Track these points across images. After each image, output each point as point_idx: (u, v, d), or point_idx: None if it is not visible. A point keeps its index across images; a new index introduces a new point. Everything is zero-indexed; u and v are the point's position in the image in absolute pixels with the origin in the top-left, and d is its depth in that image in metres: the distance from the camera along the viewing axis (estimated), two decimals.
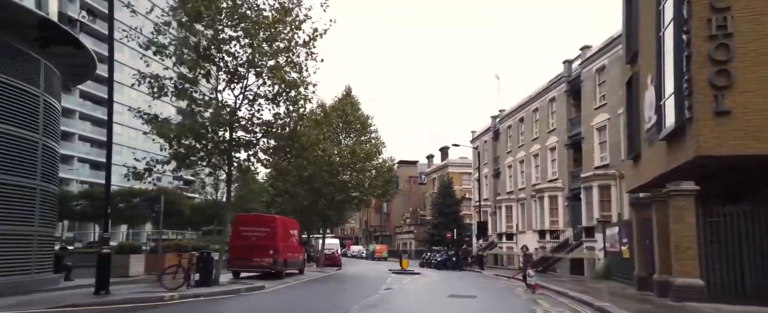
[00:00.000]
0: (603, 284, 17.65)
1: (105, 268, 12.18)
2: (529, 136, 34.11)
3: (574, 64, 28.27)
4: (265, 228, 19.67)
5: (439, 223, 54.94)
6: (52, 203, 14.08)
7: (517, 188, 36.19)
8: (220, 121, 14.33)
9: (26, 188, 12.60)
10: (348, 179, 30.51)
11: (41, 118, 13.19)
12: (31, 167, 12.83)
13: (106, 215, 12.60)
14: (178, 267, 13.87)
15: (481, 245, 42.99)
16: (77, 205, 38.55)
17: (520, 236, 35.39)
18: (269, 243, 19.47)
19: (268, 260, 19.31)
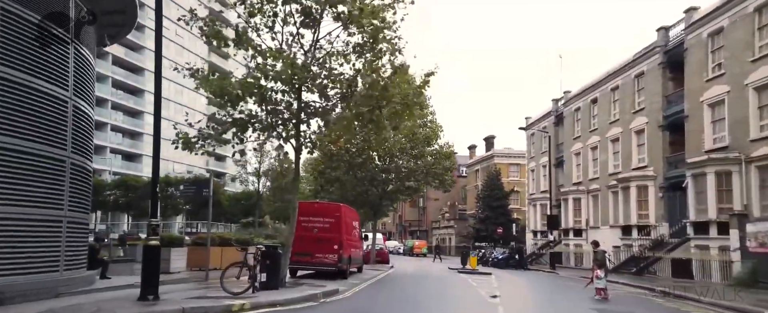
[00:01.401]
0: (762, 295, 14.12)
1: (153, 265, 9.29)
2: (606, 118, 30.28)
3: (673, 30, 24.34)
4: (329, 219, 16.65)
5: (486, 217, 51.49)
6: (86, 181, 11.21)
7: (588, 178, 32.42)
8: (291, 78, 11.18)
9: (53, 160, 9.75)
10: (403, 165, 27.39)
11: (71, 72, 10.32)
12: (60, 134, 9.96)
13: (154, 194, 9.69)
14: (243, 266, 10.94)
15: (536, 242, 39.36)
16: (110, 195, 36.38)
17: (591, 232, 31.67)
18: (334, 236, 16.47)
19: (332, 256, 16.31)
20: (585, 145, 32.93)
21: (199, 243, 21.06)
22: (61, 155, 9.93)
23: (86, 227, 11.40)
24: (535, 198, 40.70)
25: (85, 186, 11.11)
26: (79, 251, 11.00)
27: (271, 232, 29.67)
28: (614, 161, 29.45)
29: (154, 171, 9.87)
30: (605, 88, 30.42)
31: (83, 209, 10.99)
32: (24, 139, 8.98)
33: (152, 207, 9.60)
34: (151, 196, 9.86)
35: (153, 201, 9.70)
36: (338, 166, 27.18)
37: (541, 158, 40.71)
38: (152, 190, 9.81)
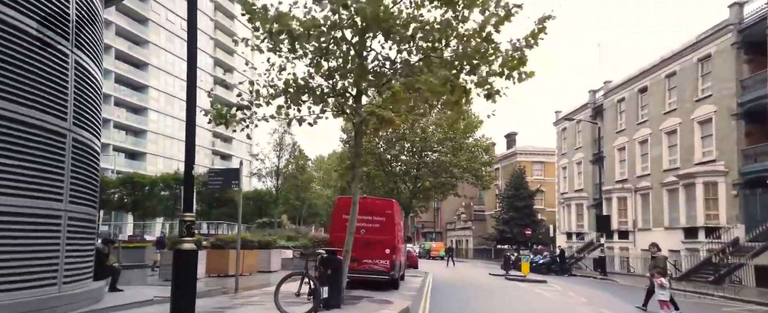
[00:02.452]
0: None
1: (188, 276, 6.66)
2: (659, 108, 27.57)
3: (750, 5, 21.66)
4: (380, 217, 13.98)
5: (510, 219, 48.81)
6: (92, 164, 8.51)
7: (635, 175, 29.74)
8: (377, 16, 8.15)
9: (48, 134, 7.09)
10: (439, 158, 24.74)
11: (73, 19, 7.65)
12: (58, 97, 7.30)
13: (188, 183, 7.03)
14: (303, 277, 8.30)
15: (572, 245, 36.63)
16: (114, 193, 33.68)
17: (640, 235, 28.99)
18: (386, 238, 13.82)
19: (384, 262, 13.65)
20: (631, 139, 30.24)
21: (218, 246, 18.45)
22: (59, 127, 7.26)
23: (93, 225, 8.70)
24: (568, 198, 37.99)
25: (91, 171, 8.40)
26: (84, 256, 8.34)
27: (293, 233, 27.04)
28: (670, 156, 26.76)
29: (187, 155, 7.20)
30: (658, 75, 27.73)
31: (89, 201, 8.29)
32: (4, 100, 6.32)
33: (186, 199, 6.96)
34: (184, 185, 7.19)
35: (187, 192, 7.04)
36: (366, 160, 24.56)
37: (575, 155, 38.04)
38: (186, 176, 7.14)
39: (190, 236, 6.84)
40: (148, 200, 31.94)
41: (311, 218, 49.58)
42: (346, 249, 9.97)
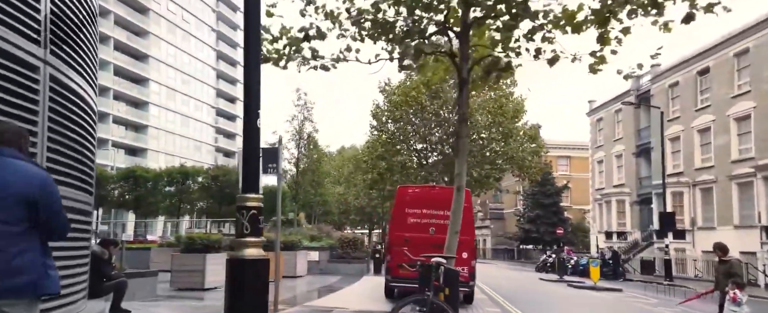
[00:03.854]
0: None
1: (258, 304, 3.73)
2: (726, 91, 24.62)
3: None
4: None
5: (536, 217, 45.95)
6: (85, 125, 5.39)
7: (693, 168, 26.80)
8: None
9: (10, 62, 4.01)
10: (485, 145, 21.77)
11: None
12: (28, 15, 4.19)
13: (250, 131, 4.02)
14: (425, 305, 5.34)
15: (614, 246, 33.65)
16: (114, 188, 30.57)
17: (700, 234, 26.06)
18: (462, 238, 10.82)
19: (461, 270, 10.66)
20: (688, 127, 27.30)
21: None
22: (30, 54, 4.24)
23: (87, 217, 5.57)
24: (607, 194, 35.04)
25: (82, 134, 5.33)
26: (74, 265, 5.30)
27: (315, 232, 24.06)
28: (741, 145, 23.82)
29: (246, 93, 4.20)
30: (723, 54, 24.78)
31: (79, 182, 5.22)
32: None
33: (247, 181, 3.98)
34: (243, 167, 4.18)
35: (249, 173, 4.03)
36: (400, 150, 21.67)
37: (614, 147, 35.10)
38: (247, 130, 4.12)
39: (255, 234, 3.88)
40: (152, 196, 28.94)
41: (324, 216, 46.60)
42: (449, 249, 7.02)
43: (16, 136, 2.54)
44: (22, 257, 2.29)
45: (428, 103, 21.16)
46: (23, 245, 2.31)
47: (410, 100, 21.10)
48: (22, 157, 2.48)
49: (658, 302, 13.99)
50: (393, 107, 21.83)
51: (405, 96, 21.25)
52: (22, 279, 2.28)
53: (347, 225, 55.93)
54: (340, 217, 52.36)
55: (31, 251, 2.33)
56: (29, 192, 2.34)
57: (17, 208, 2.30)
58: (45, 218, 2.40)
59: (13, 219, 2.30)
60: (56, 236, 2.56)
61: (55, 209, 2.46)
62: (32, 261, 2.33)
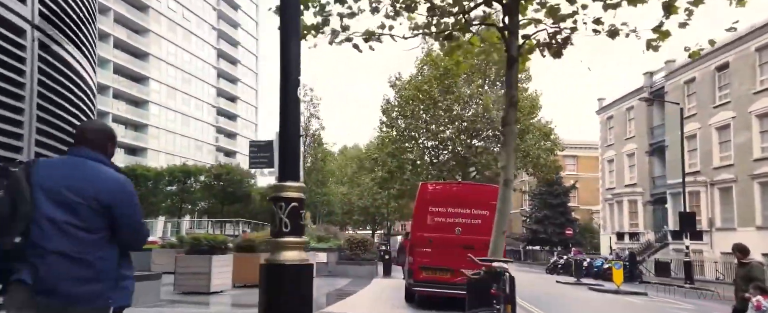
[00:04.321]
0: None
1: None
2: (746, 87, 23.82)
3: None
4: (482, 209, 10.12)
5: (544, 217, 45.12)
6: (82, 102, 4.57)
7: (712, 167, 26.02)
8: None
9: None
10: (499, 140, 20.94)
11: None
12: None
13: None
14: None
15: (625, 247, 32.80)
16: None
17: (719, 235, 25.26)
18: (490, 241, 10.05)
19: None
20: (705, 125, 26.51)
21: (246, 248, 14.67)
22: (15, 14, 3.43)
23: None
24: (618, 193, 34.24)
25: (80, 107, 4.50)
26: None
27: (322, 233, 23.21)
28: (764, 142, 23.03)
29: (283, 112, 3.36)
30: (745, 48, 24.00)
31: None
32: None
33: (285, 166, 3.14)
34: (280, 148, 3.32)
35: (287, 156, 3.19)
36: (411, 147, 20.84)
37: (625, 145, 34.31)
38: (284, 127, 3.27)
39: (296, 233, 3.06)
40: (153, 196, 28.10)
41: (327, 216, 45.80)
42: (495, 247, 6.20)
43: (100, 137, 2.40)
44: (98, 266, 2.20)
45: (441, 99, 20.37)
46: (101, 252, 2.22)
47: (422, 95, 20.31)
48: (102, 159, 2.35)
49: (695, 308, 13.17)
50: (404, 102, 21.04)
51: (416, 90, 20.47)
52: (95, 288, 2.19)
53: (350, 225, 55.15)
54: (344, 217, 51.59)
55: (107, 259, 2.25)
56: (104, 198, 2.22)
57: (93, 214, 2.20)
58: (120, 226, 2.27)
59: (90, 225, 2.20)
60: (132, 246, 2.40)
61: (131, 218, 2.33)
62: (107, 270, 2.24)
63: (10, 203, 2.11)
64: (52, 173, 2.22)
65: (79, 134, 2.40)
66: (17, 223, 2.11)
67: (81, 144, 2.34)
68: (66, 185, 2.18)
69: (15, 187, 2.14)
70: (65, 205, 2.17)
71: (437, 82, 18.89)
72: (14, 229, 2.11)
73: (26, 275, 2.10)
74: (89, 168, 2.26)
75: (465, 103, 19.69)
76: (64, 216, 2.15)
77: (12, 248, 2.10)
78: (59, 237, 2.13)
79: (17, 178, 2.16)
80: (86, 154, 2.30)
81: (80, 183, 2.20)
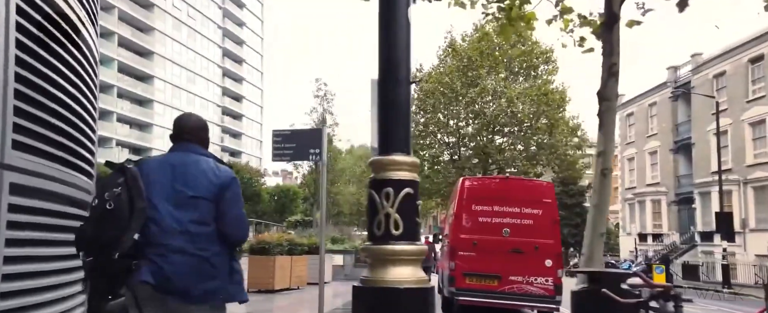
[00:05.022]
0: None
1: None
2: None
3: None
4: (533, 208, 8.92)
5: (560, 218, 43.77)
6: (81, 66, 3.30)
7: (745, 164, 24.78)
8: None
9: None
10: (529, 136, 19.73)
11: None
12: None
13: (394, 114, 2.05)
14: None
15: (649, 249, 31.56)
16: None
17: (753, 237, 24.02)
18: (546, 243, 8.81)
19: (545, 282, 8.56)
20: (737, 120, 25.27)
21: (260, 250, 13.57)
22: None
23: (86, 211, 3.47)
24: (639, 193, 33.00)
25: (78, 73, 3.24)
26: (63, 284, 3.28)
27: (338, 234, 22.11)
28: None
29: (387, 44, 2.21)
30: None
31: (73, 152, 3.15)
32: None
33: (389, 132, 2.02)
34: (381, 107, 2.16)
35: (391, 117, 2.05)
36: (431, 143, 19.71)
37: (647, 143, 33.08)
38: (385, 79, 2.13)
39: (411, 236, 1.91)
40: None
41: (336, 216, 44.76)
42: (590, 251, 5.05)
43: (200, 131, 2.45)
44: (215, 260, 2.18)
45: (464, 92, 19.22)
46: (216, 247, 2.21)
47: (443, 88, 19.17)
48: (206, 153, 2.39)
49: None
50: (425, 96, 19.89)
51: (438, 83, 19.33)
52: (214, 283, 2.18)
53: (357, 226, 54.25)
54: (352, 218, 50.62)
55: (221, 254, 2.23)
56: (215, 191, 2.22)
57: (206, 207, 2.20)
58: (228, 218, 2.24)
59: (205, 219, 2.20)
60: (239, 239, 2.34)
61: (236, 212, 2.28)
62: (221, 265, 2.21)
63: (128, 200, 2.09)
64: (163, 169, 2.23)
65: (179, 129, 2.40)
66: (136, 221, 2.09)
67: (182, 138, 2.36)
68: (179, 180, 2.19)
69: (132, 184, 2.12)
70: (180, 200, 2.16)
71: (460, 74, 17.79)
72: (134, 227, 2.09)
73: (146, 274, 2.08)
74: (198, 162, 2.26)
75: (489, 97, 18.54)
76: (180, 212, 2.14)
77: (131, 244, 2.07)
78: (178, 234, 2.12)
79: (134, 175, 2.14)
80: (192, 149, 2.32)
81: (192, 177, 2.20)
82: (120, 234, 2.05)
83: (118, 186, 2.10)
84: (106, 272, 2.11)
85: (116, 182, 2.12)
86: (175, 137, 2.41)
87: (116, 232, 2.06)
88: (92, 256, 2.10)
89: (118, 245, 2.06)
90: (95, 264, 2.10)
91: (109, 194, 2.10)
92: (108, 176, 2.19)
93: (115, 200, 2.07)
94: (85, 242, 2.11)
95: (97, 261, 2.09)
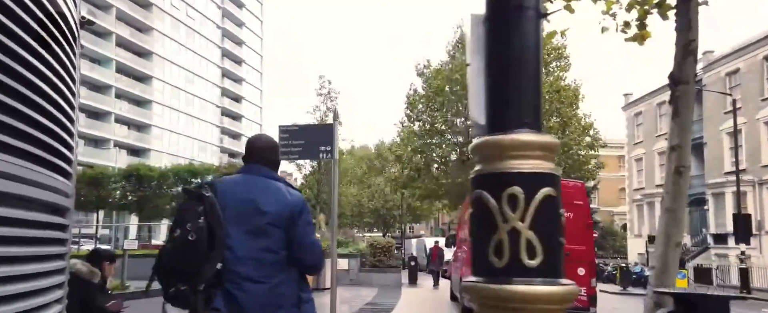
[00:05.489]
0: None
1: None
2: None
3: None
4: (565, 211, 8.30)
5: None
6: (54, 38, 2.56)
7: (761, 164, 24.10)
8: None
9: None
10: None
11: None
12: None
13: None
14: None
15: None
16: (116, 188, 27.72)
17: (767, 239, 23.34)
18: (578, 249, 8.10)
19: (579, 290, 8.05)
20: (752, 119, 24.60)
21: None
22: None
23: (62, 218, 2.66)
24: (648, 194, 32.30)
25: (53, 51, 2.49)
26: (35, 291, 2.52)
27: (342, 237, 21.39)
28: None
29: None
30: None
31: (48, 147, 2.38)
32: None
33: (510, 98, 1.29)
34: (497, 71, 1.41)
35: (515, 73, 1.32)
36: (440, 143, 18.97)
37: (656, 143, 32.41)
38: (501, 25, 1.41)
39: (554, 271, 1.18)
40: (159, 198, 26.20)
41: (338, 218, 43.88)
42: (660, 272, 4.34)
43: (268, 152, 2.38)
44: (283, 289, 2.15)
45: None
46: (282, 276, 2.16)
47: (453, 85, 18.40)
48: (276, 177, 2.34)
49: None
50: (433, 93, 19.09)
51: (448, 80, 18.56)
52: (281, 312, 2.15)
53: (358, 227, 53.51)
54: (353, 219, 49.89)
55: (288, 282, 2.18)
56: (287, 217, 2.17)
57: (278, 234, 2.15)
58: (300, 246, 2.20)
59: (276, 247, 2.16)
60: (313, 266, 2.29)
61: (308, 239, 2.25)
62: (289, 294, 2.17)
63: (208, 229, 2.04)
64: (235, 194, 2.18)
65: (249, 151, 2.38)
66: (217, 250, 2.03)
67: (254, 161, 2.31)
68: (251, 207, 2.14)
69: (211, 212, 2.07)
70: (252, 227, 2.12)
71: None
72: (216, 256, 2.03)
73: (219, 302, 2.05)
74: (269, 187, 2.21)
75: None
76: (251, 239, 2.11)
77: (214, 274, 2.02)
78: (249, 261, 2.09)
79: (212, 203, 2.09)
80: (263, 172, 2.28)
81: (264, 203, 2.14)
82: (201, 264, 2.02)
83: (200, 216, 2.05)
84: (188, 302, 2.06)
85: (197, 210, 2.07)
86: (245, 159, 2.41)
87: (197, 262, 2.03)
88: (172, 286, 2.06)
89: (201, 275, 2.02)
90: (177, 294, 2.05)
91: (192, 224, 2.05)
92: (186, 203, 2.13)
93: (197, 231, 2.03)
94: (166, 273, 2.08)
95: (178, 291, 2.05)
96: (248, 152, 2.38)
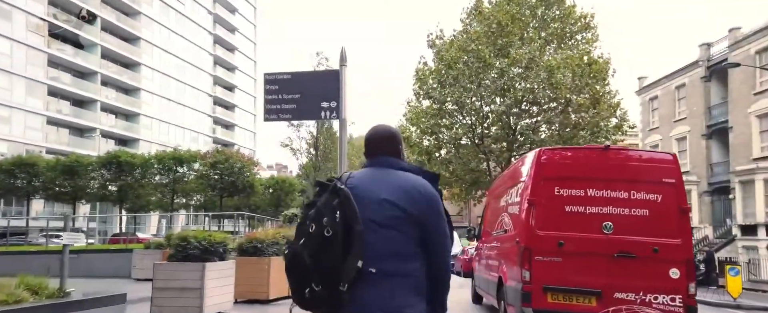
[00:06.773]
0: None
1: None
2: None
3: None
4: (648, 192, 6.03)
5: None
6: None
7: None
8: None
9: None
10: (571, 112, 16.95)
11: None
12: None
13: None
14: None
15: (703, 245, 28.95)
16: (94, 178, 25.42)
17: None
18: (670, 243, 5.94)
19: (670, 301, 5.81)
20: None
21: (250, 251, 10.74)
22: None
23: None
24: None
25: None
26: None
27: None
28: None
29: None
30: None
31: None
32: None
33: None
34: None
35: None
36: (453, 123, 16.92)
37: (675, 128, 30.50)
38: None
39: None
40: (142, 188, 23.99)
41: None
42: None
43: (387, 141, 2.20)
44: (424, 279, 2.02)
45: (495, 62, 16.36)
46: (419, 264, 2.01)
47: (469, 56, 16.31)
48: (405, 166, 2.17)
49: None
50: (446, 66, 16.92)
51: (463, 51, 16.47)
52: (422, 306, 2.00)
53: None
54: None
55: (421, 278, 2.03)
56: (419, 208, 2.00)
57: (409, 231, 1.98)
58: (431, 247, 2.02)
59: (411, 238, 2.00)
60: (442, 272, 2.07)
61: (441, 238, 2.03)
62: (418, 302, 2.01)
63: (343, 224, 1.91)
64: (367, 187, 2.05)
65: (373, 142, 2.22)
66: (356, 246, 1.91)
67: (378, 152, 2.18)
68: (383, 199, 2.01)
69: (347, 206, 1.95)
70: (386, 219, 1.99)
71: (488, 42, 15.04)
72: (356, 253, 1.88)
73: (349, 300, 1.95)
74: (397, 177, 2.09)
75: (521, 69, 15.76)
76: (387, 231, 1.98)
77: (356, 272, 1.89)
78: (388, 255, 1.96)
79: (347, 195, 1.97)
80: (390, 163, 2.14)
81: (395, 195, 2.01)
82: (341, 262, 1.89)
83: (336, 210, 1.91)
84: (324, 304, 1.93)
85: (332, 204, 1.93)
86: (367, 153, 2.20)
87: (335, 260, 1.89)
88: (306, 288, 1.93)
89: (340, 274, 1.88)
90: (315, 294, 1.91)
91: (328, 219, 1.90)
92: (320, 198, 1.99)
93: (333, 226, 1.89)
94: (302, 271, 1.92)
95: (313, 293, 1.92)
96: (365, 147, 2.19)
